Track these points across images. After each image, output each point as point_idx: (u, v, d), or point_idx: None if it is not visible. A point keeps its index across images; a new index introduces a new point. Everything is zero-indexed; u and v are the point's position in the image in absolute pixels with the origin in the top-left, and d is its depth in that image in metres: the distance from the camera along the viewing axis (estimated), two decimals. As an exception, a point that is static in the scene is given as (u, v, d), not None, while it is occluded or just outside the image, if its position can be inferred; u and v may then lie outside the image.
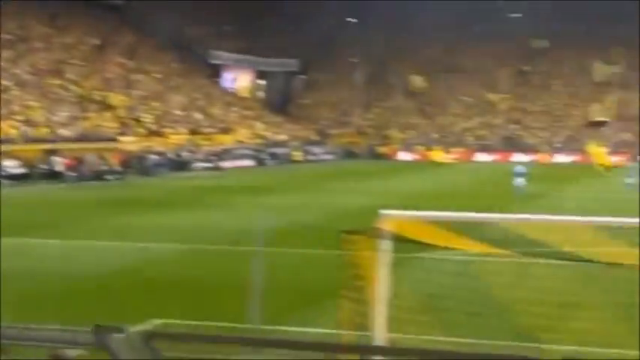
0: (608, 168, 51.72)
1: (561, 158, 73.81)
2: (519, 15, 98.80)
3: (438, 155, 73.04)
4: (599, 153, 58.24)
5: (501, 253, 14.75)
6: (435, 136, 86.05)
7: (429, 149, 77.39)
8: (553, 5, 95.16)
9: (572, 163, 69.88)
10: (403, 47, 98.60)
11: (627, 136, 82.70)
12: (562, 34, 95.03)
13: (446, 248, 15.53)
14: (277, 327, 13.85)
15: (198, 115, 73.58)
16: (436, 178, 53.15)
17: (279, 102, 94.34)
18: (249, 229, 17.89)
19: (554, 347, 11.67)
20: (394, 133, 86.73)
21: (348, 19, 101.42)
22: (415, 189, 43.28)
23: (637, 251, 12.08)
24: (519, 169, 40.36)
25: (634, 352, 10.79)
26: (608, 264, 12.42)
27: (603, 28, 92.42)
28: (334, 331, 12.00)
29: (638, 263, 11.65)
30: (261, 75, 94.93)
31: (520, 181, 39.31)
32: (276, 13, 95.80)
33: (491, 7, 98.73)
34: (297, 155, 71.69)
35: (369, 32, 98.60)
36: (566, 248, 12.93)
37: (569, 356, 9.98)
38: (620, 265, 12.19)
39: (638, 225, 11.47)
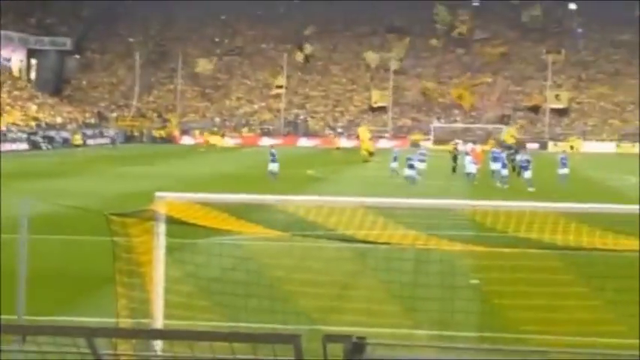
0: (371, 153, 53.28)
1: (344, 143, 75.72)
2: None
3: (216, 139, 72.66)
4: (364, 139, 59.94)
5: (279, 235, 14.77)
6: (218, 120, 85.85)
7: (213, 133, 76.96)
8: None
9: (353, 148, 71.53)
10: (184, 27, 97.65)
11: (404, 122, 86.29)
12: (338, 19, 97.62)
13: (224, 231, 15.27)
14: (46, 317, 13.04)
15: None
16: (217, 163, 52.81)
17: (53, 83, 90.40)
18: (17, 216, 16.81)
19: (331, 328, 11.66)
20: (176, 117, 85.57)
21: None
22: (195, 173, 42.79)
23: (405, 231, 12.40)
24: (273, 152, 38.63)
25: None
26: (380, 244, 12.62)
27: (378, 15, 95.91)
28: (110, 319, 11.40)
29: (410, 242, 11.94)
30: (32, 54, 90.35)
31: (274, 166, 37.84)
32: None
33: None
34: (77, 139, 69.03)
35: (148, 11, 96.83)
36: (342, 230, 13.00)
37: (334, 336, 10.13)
38: (389, 244, 12.45)
39: (406, 206, 11.74)
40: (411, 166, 37.05)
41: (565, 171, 37.94)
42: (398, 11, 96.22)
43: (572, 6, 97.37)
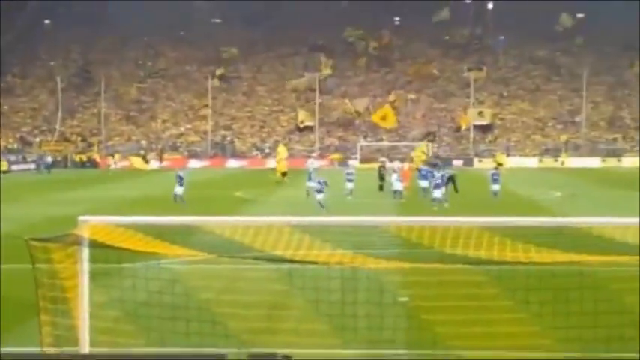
0: (284, 174, 53.13)
1: (274, 164, 74.89)
2: (219, 20, 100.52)
3: (140, 163, 71.76)
4: (278, 159, 59.65)
5: (206, 257, 14.65)
6: (144, 143, 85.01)
7: (138, 156, 76.12)
8: (251, 12, 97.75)
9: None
10: (106, 50, 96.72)
11: (332, 141, 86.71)
12: (260, 40, 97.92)
13: (150, 254, 15.05)
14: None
15: None
16: (141, 186, 52.12)
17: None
18: None
19: (264, 350, 11.63)
20: (100, 141, 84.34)
21: (45, 21, 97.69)
22: (119, 197, 42.20)
23: (332, 250, 12.45)
24: (181, 175, 36.99)
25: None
26: (307, 263, 12.63)
27: (301, 36, 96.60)
28: (36, 348, 11.14)
29: (337, 261, 11.97)
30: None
31: (179, 189, 36.01)
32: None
33: (193, 10, 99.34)
34: (2, 165, 67.54)
35: (69, 34, 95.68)
36: (270, 251, 12.95)
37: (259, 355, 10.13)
38: (316, 263, 12.48)
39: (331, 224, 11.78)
40: (319, 191, 34.95)
41: (497, 187, 38.55)
42: (320, 31, 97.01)
43: (492, 23, 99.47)
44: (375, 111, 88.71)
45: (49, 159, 71.15)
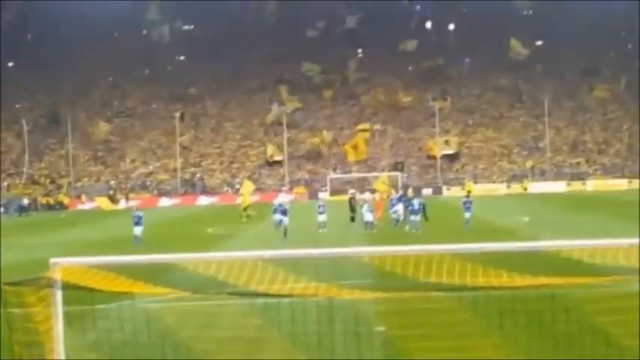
0: (245, 208, 53.01)
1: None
2: (183, 57, 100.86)
3: (108, 203, 71.34)
4: (243, 193, 59.35)
5: (182, 295, 14.61)
6: (113, 183, 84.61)
7: (107, 197, 75.73)
8: (215, 49, 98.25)
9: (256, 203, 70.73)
10: (72, 91, 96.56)
11: (301, 174, 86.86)
12: (226, 76, 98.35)
13: (125, 295, 14.98)
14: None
15: None
16: (110, 227, 51.68)
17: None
18: None
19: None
20: (70, 182, 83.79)
21: (8, 63, 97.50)
22: (89, 239, 41.88)
23: (307, 283, 12.49)
24: (139, 214, 35.75)
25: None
26: (283, 297, 12.67)
27: (266, 70, 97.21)
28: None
29: (312, 293, 12.05)
30: None
31: (138, 229, 34.94)
32: None
33: (157, 48, 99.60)
34: None
35: (33, 76, 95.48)
36: (244, 286, 12.96)
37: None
38: (292, 296, 12.52)
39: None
40: (280, 221, 37.29)
41: (469, 215, 38.88)
42: (284, 66, 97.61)
43: (454, 53, 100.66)
44: (344, 142, 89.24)
45: (23, 201, 70.55)
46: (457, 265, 11.30)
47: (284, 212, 37.61)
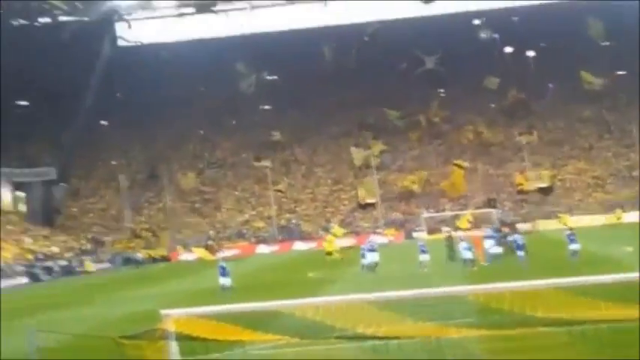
0: (329, 253, 52.72)
1: (343, 242, 74.20)
2: (268, 107, 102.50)
3: (203, 253, 72.75)
4: (328, 239, 58.68)
5: (291, 341, 14.83)
6: (212, 233, 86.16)
7: (206, 248, 77.08)
8: (298, 97, 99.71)
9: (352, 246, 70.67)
10: (165, 146, 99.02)
11: (395, 215, 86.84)
12: (311, 123, 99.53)
13: (236, 343, 15.35)
14: None
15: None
16: (212, 277, 52.43)
17: (44, 213, 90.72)
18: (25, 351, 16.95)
19: None
20: (168, 235, 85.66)
21: (102, 122, 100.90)
22: (199, 288, 42.68)
23: (413, 323, 12.57)
24: (223, 265, 36.33)
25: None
26: (391, 338, 12.77)
27: (350, 115, 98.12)
28: None
29: (419, 333, 12.16)
30: (19, 187, 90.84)
31: (225, 280, 35.17)
32: (22, 120, 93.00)
33: (243, 99, 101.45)
34: (89, 266, 69.37)
35: (126, 134, 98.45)
36: (352, 329, 13.11)
37: None
38: (399, 338, 12.60)
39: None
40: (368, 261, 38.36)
41: (576, 247, 38.01)
42: (368, 110, 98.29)
43: (534, 86, 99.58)
44: (435, 182, 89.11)
45: (136, 255, 73.29)
46: (564, 299, 11.26)
47: (372, 250, 37.97)
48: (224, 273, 35.38)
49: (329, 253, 52.15)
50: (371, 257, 41.58)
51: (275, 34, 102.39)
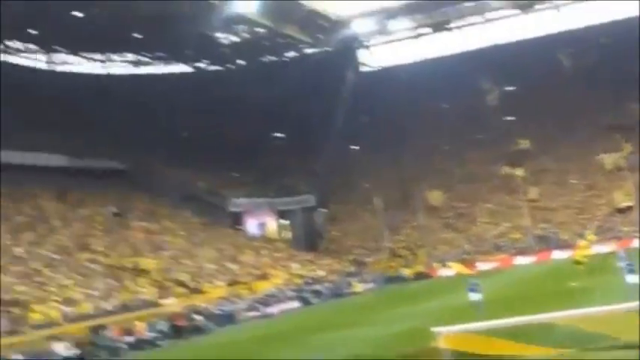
0: (578, 262, 50.67)
1: (599, 249, 71.75)
2: (512, 118, 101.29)
3: (459, 268, 73.19)
4: (580, 246, 56.38)
5: (568, 353, 15.12)
6: (467, 247, 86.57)
7: (462, 262, 77.79)
8: (539, 103, 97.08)
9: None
10: (413, 164, 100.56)
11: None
12: (553, 130, 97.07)
13: (512, 357, 15.98)
14: None
15: (232, 266, 74.25)
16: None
17: (307, 239, 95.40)
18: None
19: None
20: (428, 251, 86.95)
21: (352, 147, 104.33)
22: (460, 303, 43.40)
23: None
24: (473, 282, 36.15)
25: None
26: None
27: (593, 117, 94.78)
28: None
29: None
30: (282, 215, 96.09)
31: (476, 296, 34.57)
32: (279, 151, 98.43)
33: (487, 112, 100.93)
34: (357, 286, 72.52)
35: (375, 156, 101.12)
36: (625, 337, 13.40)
37: None
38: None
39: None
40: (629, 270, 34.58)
41: None
42: (612, 111, 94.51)
43: None
44: None
45: (388, 275, 76.07)
46: None
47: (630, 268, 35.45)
48: (474, 289, 35.46)
49: (577, 262, 50.73)
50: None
51: (510, 45, 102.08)
